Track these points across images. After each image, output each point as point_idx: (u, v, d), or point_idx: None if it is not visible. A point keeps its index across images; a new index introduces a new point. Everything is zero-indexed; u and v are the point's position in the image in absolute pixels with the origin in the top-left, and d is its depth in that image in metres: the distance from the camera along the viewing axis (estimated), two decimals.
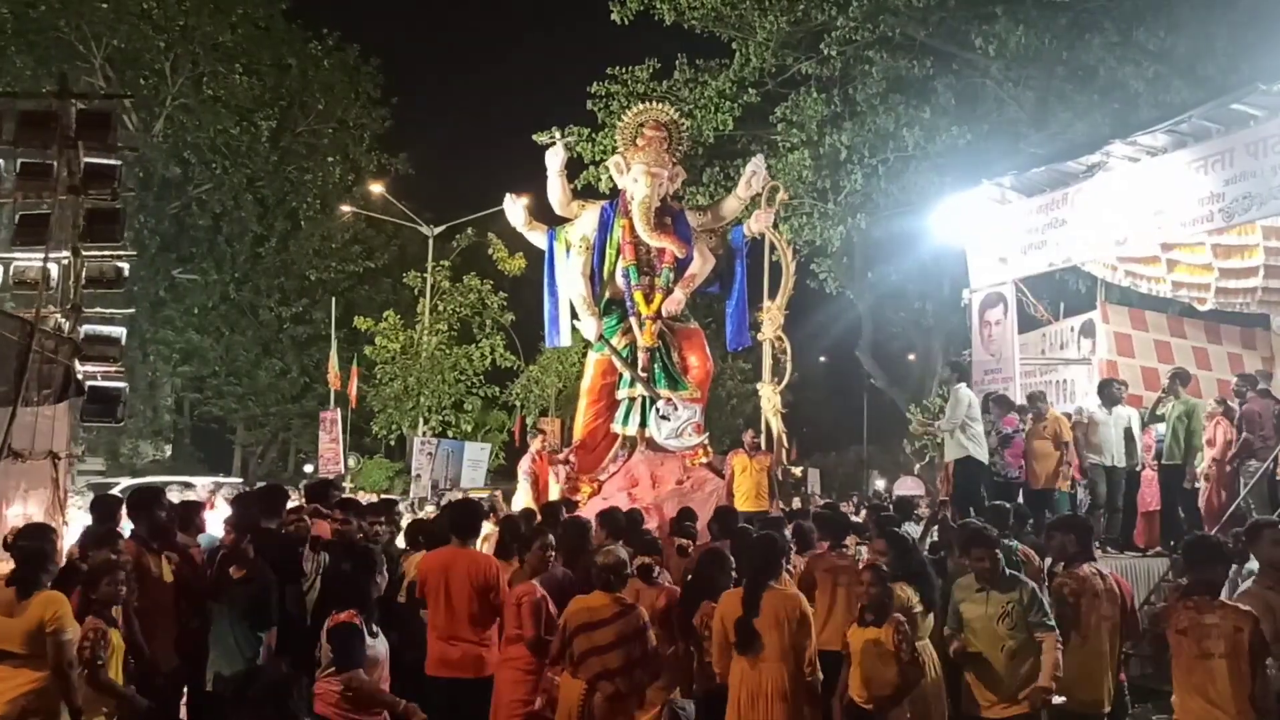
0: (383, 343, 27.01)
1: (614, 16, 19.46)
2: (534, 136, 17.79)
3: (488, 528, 8.78)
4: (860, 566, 6.00)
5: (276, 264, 32.09)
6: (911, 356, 28.87)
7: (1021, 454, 10.34)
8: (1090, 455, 10.36)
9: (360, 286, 34.25)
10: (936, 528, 8.18)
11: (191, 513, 7.10)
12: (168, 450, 35.74)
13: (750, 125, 20.60)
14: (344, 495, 9.09)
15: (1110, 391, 10.55)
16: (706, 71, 19.95)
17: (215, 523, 8.96)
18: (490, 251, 27.64)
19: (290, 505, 7.31)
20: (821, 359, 43.00)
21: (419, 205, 30.05)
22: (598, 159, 18.83)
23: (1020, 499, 9.94)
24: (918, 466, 24.64)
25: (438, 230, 28.76)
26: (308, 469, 33.58)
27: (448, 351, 27.38)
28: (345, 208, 31.34)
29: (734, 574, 5.93)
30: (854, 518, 10.59)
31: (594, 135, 19.34)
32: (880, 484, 40.23)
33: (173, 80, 28.74)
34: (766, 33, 18.96)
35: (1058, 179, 11.74)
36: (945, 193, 18.91)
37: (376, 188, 30.95)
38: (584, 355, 29.47)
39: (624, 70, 19.63)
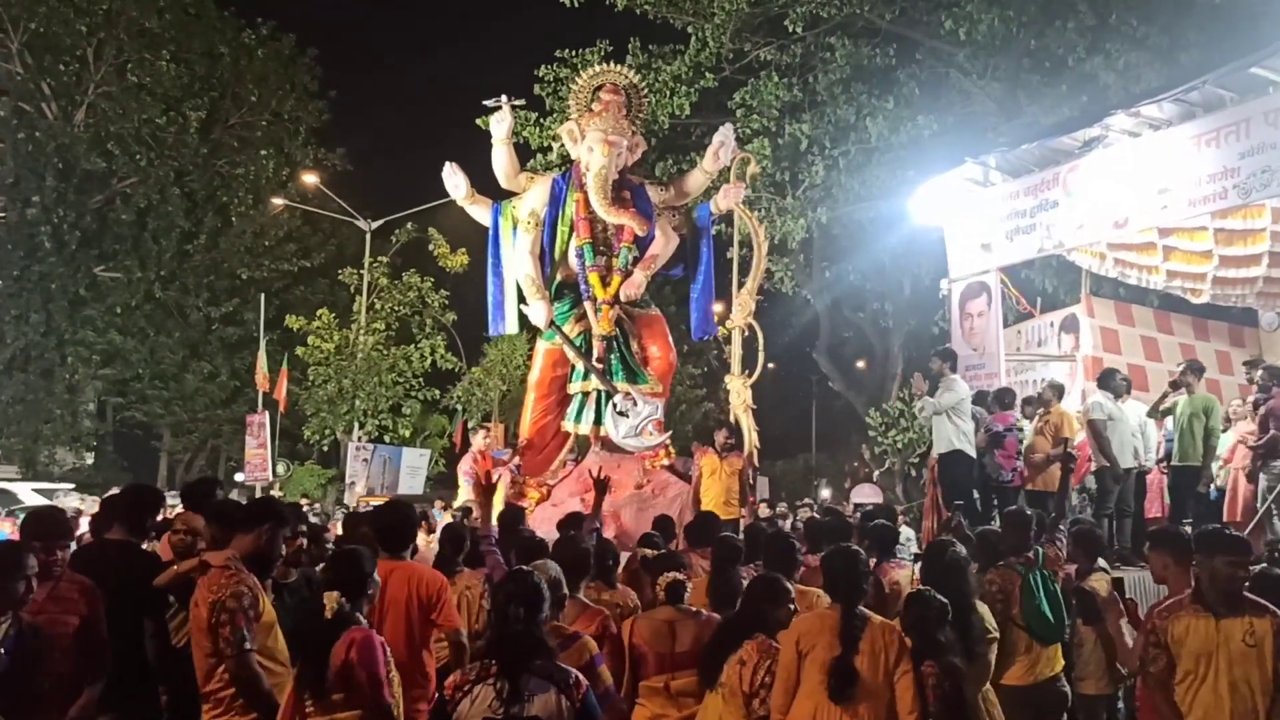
0: (315, 342, 25.68)
1: None
2: (480, 117, 16.83)
3: (421, 538, 7.68)
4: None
5: (206, 262, 30.62)
6: (861, 363, 28.10)
7: (1015, 454, 9.37)
8: (1099, 461, 9.37)
9: (296, 287, 32.97)
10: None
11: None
12: (89, 458, 34.09)
13: (706, 114, 19.66)
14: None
15: (1115, 383, 9.61)
16: (660, 57, 19.00)
17: None
18: (431, 247, 26.63)
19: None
20: (770, 364, 42.18)
21: (358, 203, 28.95)
22: (546, 145, 17.76)
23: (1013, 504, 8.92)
24: (877, 473, 23.79)
25: (376, 224, 27.50)
26: (239, 477, 32.44)
27: (385, 352, 26.22)
28: (278, 201, 29.92)
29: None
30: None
31: (541, 120, 18.29)
32: (826, 493, 39.52)
33: (95, 67, 27.52)
34: (725, 14, 18.01)
35: (1048, 157, 10.84)
36: (909, 186, 18.35)
37: (311, 178, 29.63)
38: (530, 355, 28.84)
39: (573, 53, 18.55)
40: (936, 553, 5.10)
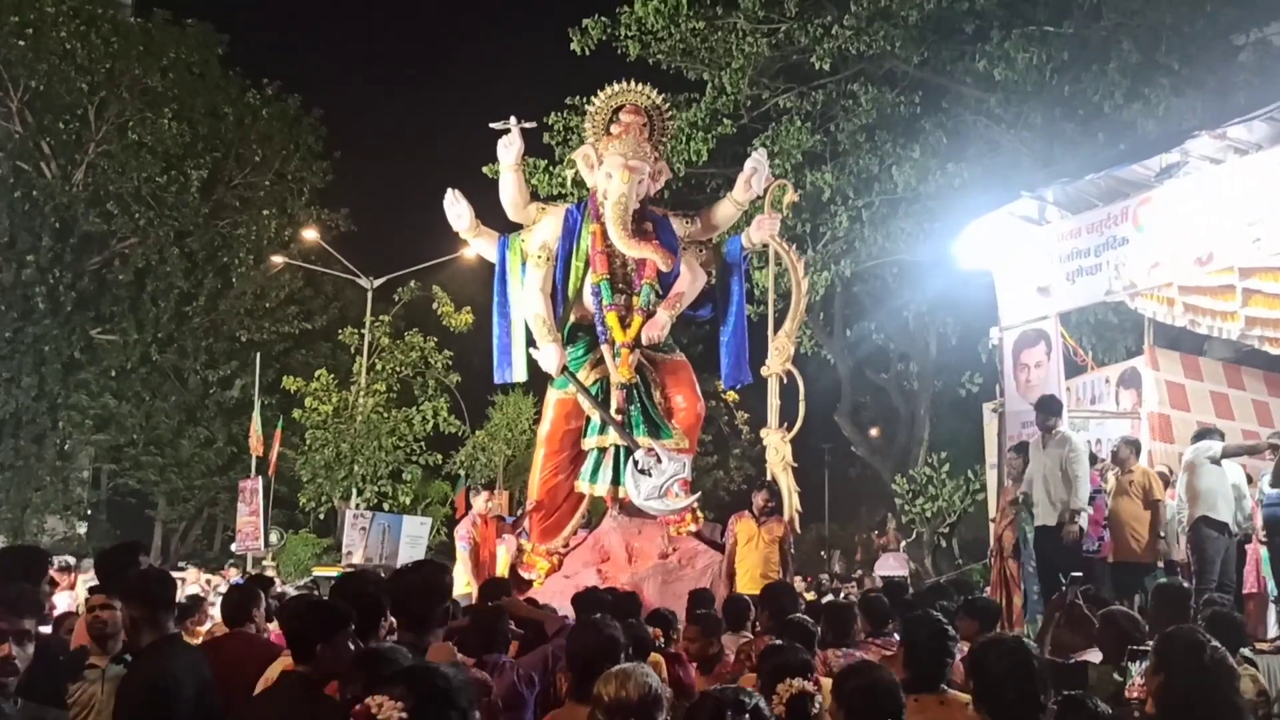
0: (313, 404, 24.66)
1: (574, 46, 17.95)
2: (486, 165, 16.09)
3: None
4: None
5: (204, 324, 29.84)
6: (875, 431, 26.96)
7: (1102, 520, 8.15)
8: (1198, 511, 8.12)
9: (296, 350, 32.19)
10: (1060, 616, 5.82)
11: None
12: (81, 527, 33.00)
13: (723, 164, 18.81)
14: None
15: (1213, 438, 8.41)
16: (675, 105, 18.20)
17: None
18: (435, 305, 25.86)
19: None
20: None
21: (361, 263, 28.40)
22: (556, 193, 16.90)
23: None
24: (904, 544, 22.53)
25: (378, 282, 26.69)
26: (234, 547, 31.43)
27: (385, 415, 25.28)
28: (278, 259, 29.27)
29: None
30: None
31: (550, 168, 17.47)
32: (837, 567, 38.09)
33: (96, 126, 27.08)
34: (744, 58, 17.21)
35: (1115, 189, 9.79)
36: (936, 239, 17.37)
37: (311, 233, 28.98)
38: (537, 419, 27.95)
39: (584, 99, 17.70)
40: (1187, 649, 3.55)
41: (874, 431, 26.95)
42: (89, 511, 33.13)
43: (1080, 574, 7.13)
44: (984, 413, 16.56)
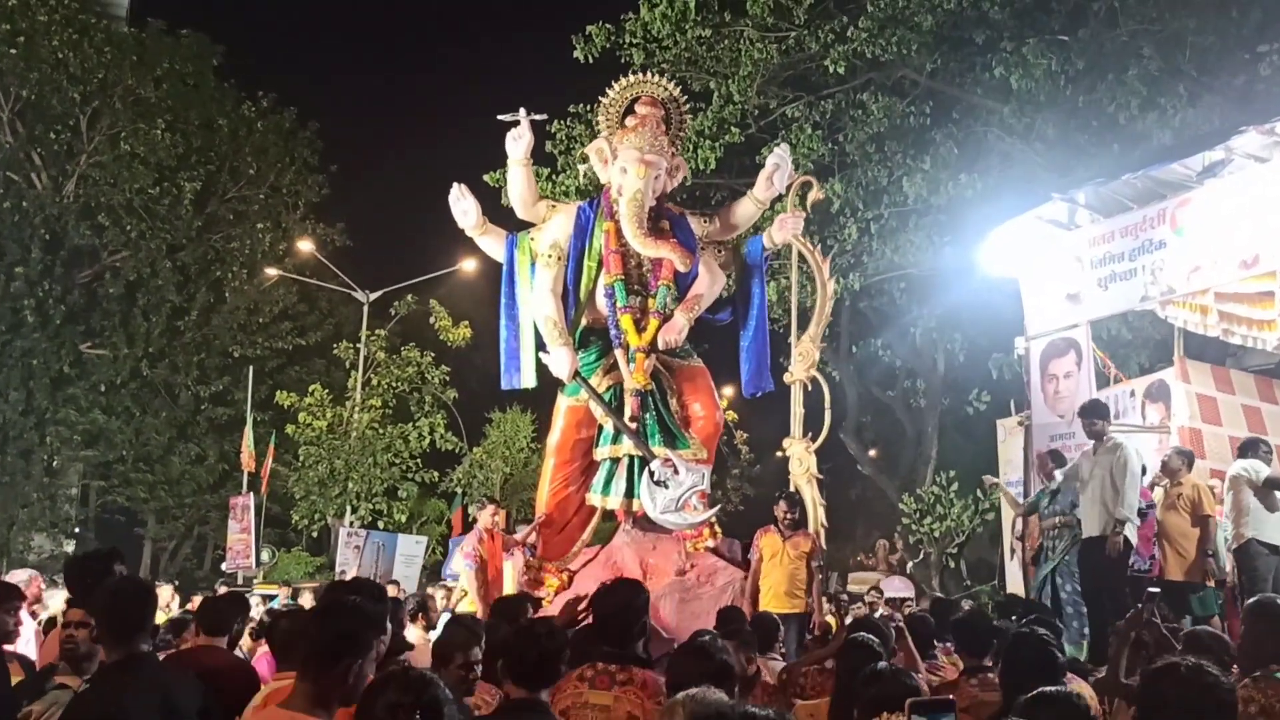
0: (306, 419, 24.14)
1: (577, 53, 17.63)
2: (489, 172, 15.71)
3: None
4: None
5: (196, 339, 29.40)
6: (872, 452, 26.49)
7: (1152, 537, 7.67)
8: (1247, 531, 7.65)
9: (290, 366, 31.69)
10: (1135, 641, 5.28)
11: None
12: (68, 545, 32.36)
13: (730, 175, 18.47)
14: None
15: (1260, 452, 7.96)
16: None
17: None
18: (432, 320, 25.38)
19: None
20: (780, 454, 40.62)
21: (358, 278, 27.95)
22: (558, 201, 16.49)
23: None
24: (910, 564, 22.06)
25: (374, 296, 26.25)
26: (225, 566, 30.90)
27: (381, 431, 24.75)
28: (272, 271, 28.83)
29: None
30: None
31: (554, 176, 17.09)
32: (834, 588, 37.49)
33: (88, 137, 26.66)
34: (752, 65, 16.86)
35: (1152, 190, 9.38)
36: (946, 253, 17.00)
37: (306, 245, 28.57)
38: (536, 436, 27.52)
39: (588, 108, 17.35)
40: None
41: (872, 452, 26.53)
42: (77, 529, 32.44)
43: (1158, 589, 6.64)
44: (998, 430, 16.14)
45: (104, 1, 30.42)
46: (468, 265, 24.87)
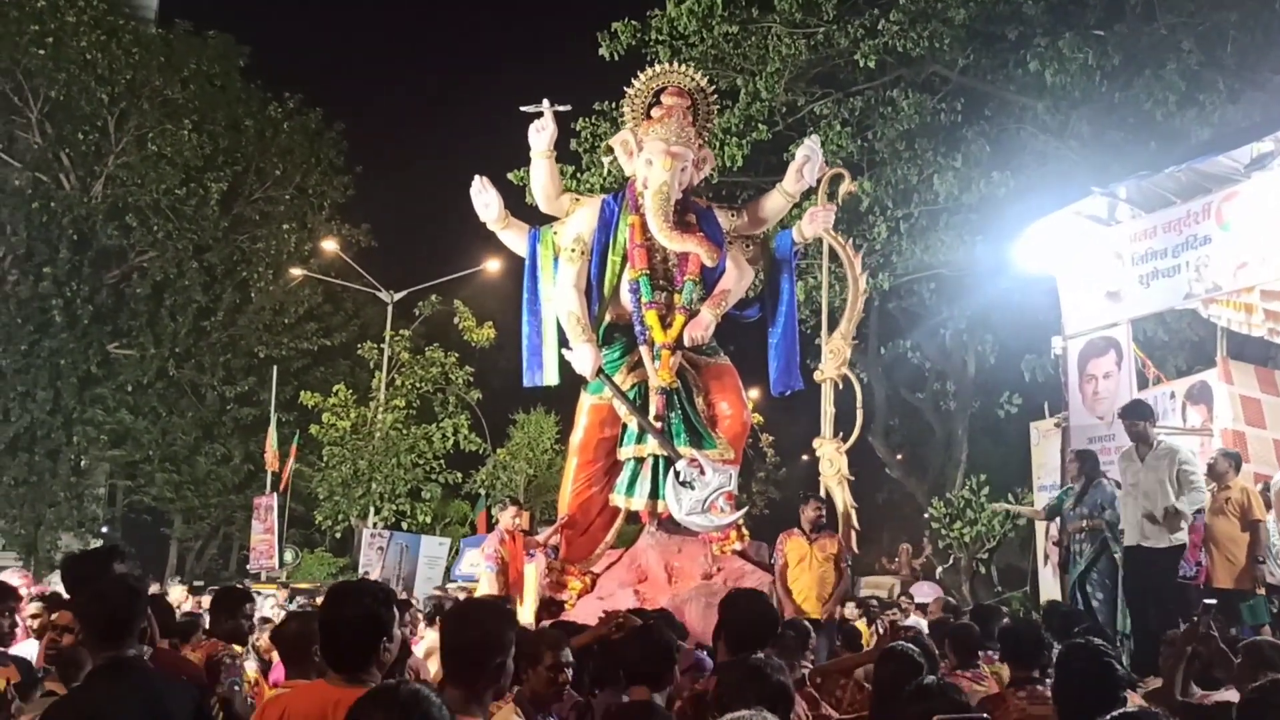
0: (330, 419, 24.11)
1: (602, 51, 17.39)
2: (512, 171, 15.50)
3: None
4: None
5: (222, 339, 29.50)
6: (898, 456, 26.20)
7: (1200, 542, 7.37)
8: None
9: (315, 367, 31.77)
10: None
11: None
12: (95, 545, 32.54)
13: (758, 173, 18.20)
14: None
15: None
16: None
17: None
18: (456, 320, 25.36)
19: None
20: (806, 457, 40.32)
21: (382, 279, 28.05)
22: (582, 195, 16.32)
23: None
24: (940, 570, 21.77)
25: (398, 296, 26.22)
26: (249, 566, 30.99)
27: (404, 432, 24.72)
28: (297, 271, 28.89)
29: None
30: None
31: (578, 174, 16.92)
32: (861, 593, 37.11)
33: (116, 138, 26.79)
34: (780, 61, 16.62)
35: (1196, 184, 9.06)
36: (977, 252, 16.70)
37: (331, 245, 28.59)
38: (559, 437, 27.39)
39: (612, 105, 17.16)
40: None
41: (900, 455, 26.24)
42: (103, 529, 32.56)
43: (1214, 600, 6.32)
44: (1031, 433, 15.82)
45: (132, 3, 30.64)
46: (492, 265, 24.83)
